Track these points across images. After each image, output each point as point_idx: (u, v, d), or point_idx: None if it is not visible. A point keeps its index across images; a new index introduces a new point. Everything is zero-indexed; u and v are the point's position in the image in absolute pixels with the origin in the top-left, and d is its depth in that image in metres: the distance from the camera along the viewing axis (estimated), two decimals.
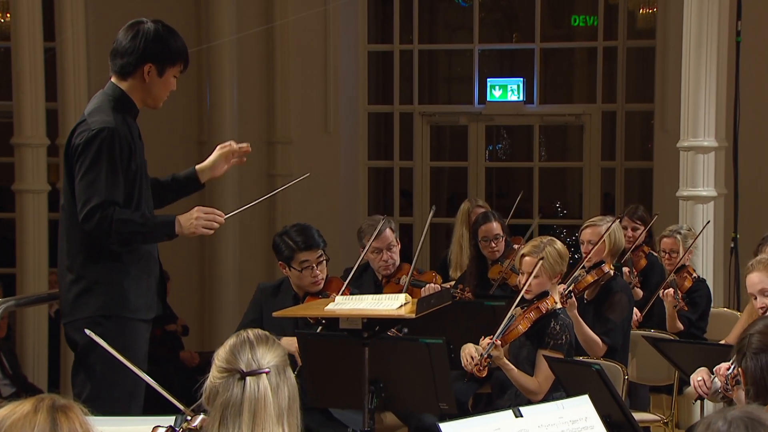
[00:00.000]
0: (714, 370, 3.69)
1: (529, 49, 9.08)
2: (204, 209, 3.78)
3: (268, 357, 2.36)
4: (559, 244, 4.45)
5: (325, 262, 4.62)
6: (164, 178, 4.05)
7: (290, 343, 4.27)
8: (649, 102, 8.68)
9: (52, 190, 6.81)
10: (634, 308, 5.39)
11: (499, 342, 4.18)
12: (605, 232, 5.09)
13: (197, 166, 4.06)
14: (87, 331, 3.32)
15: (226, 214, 3.85)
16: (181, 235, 3.77)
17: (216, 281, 8.44)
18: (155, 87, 3.79)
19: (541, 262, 4.32)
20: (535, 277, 4.35)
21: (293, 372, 2.46)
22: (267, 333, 2.44)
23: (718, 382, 3.63)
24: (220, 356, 2.38)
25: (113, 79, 3.80)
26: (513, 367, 4.28)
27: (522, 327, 4.28)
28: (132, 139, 3.72)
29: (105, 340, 3.57)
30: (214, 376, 2.36)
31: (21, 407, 1.99)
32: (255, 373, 2.32)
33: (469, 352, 4.34)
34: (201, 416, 2.49)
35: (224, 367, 2.35)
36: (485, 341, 4.22)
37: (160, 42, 3.75)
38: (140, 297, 3.74)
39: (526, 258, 4.41)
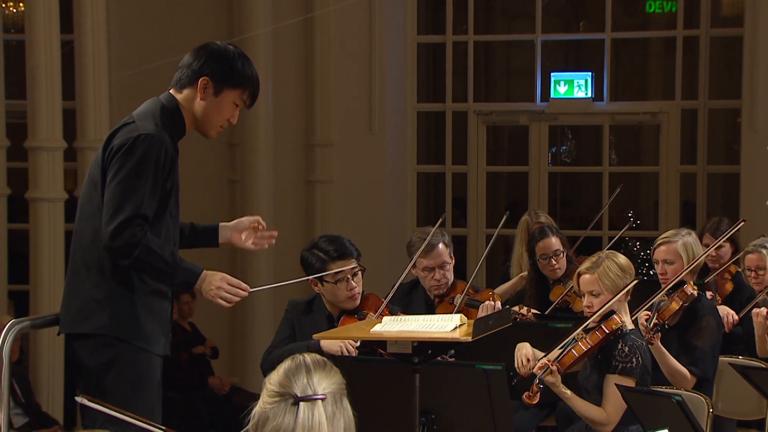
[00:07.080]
0: None
1: (598, 39, 9.04)
2: (230, 280, 3.79)
3: (324, 383, 2.37)
4: (621, 258, 4.44)
5: (360, 273, 4.68)
6: (183, 224, 4.06)
7: (333, 342, 4.41)
8: (735, 98, 8.59)
9: (69, 198, 6.86)
10: (729, 310, 5.31)
11: (554, 367, 4.17)
12: (691, 266, 4.99)
13: (221, 223, 4.12)
14: None
15: (252, 288, 3.90)
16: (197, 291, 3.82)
17: (249, 298, 8.41)
18: (209, 106, 3.81)
19: (599, 276, 4.34)
20: (596, 295, 4.35)
21: None
22: (325, 358, 2.46)
23: None
24: (272, 380, 2.40)
25: (171, 91, 3.85)
26: (572, 394, 4.27)
27: (577, 351, 4.26)
28: (175, 156, 3.77)
29: (118, 364, 3.72)
30: (264, 401, 2.38)
31: None
32: (309, 399, 2.33)
33: (525, 353, 4.34)
34: None
35: (277, 391, 2.36)
36: (540, 363, 4.22)
37: (224, 59, 3.79)
38: (154, 323, 3.75)
39: (585, 276, 4.41)
